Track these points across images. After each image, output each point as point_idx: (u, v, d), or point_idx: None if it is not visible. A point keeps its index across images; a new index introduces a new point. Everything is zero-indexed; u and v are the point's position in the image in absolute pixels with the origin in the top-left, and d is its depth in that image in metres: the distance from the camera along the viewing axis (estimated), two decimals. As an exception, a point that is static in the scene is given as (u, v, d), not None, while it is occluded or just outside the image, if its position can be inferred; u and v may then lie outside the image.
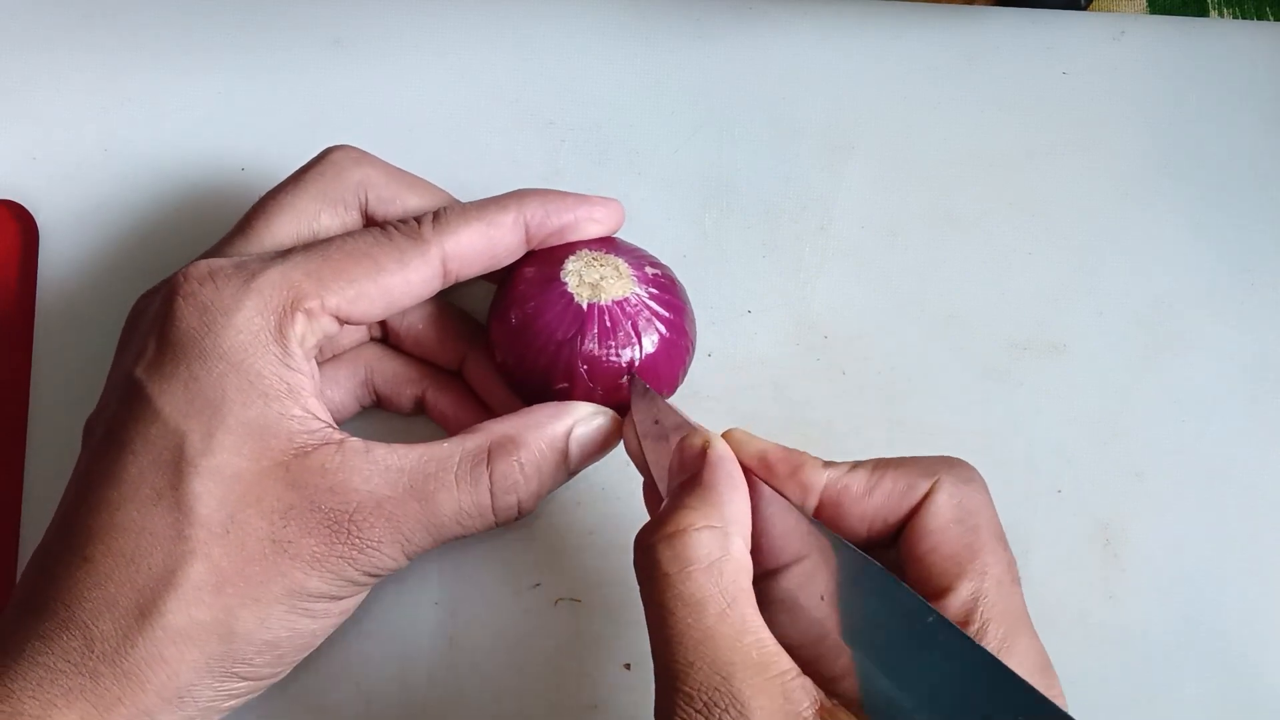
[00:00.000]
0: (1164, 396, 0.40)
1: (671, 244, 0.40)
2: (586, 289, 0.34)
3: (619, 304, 0.34)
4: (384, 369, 0.37)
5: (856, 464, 0.30)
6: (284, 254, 0.32)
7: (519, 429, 0.32)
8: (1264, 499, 0.39)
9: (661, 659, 0.27)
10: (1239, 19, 0.45)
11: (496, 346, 0.35)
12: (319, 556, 0.30)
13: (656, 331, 0.34)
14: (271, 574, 0.30)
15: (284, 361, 0.30)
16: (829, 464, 0.30)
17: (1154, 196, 0.42)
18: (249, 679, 0.31)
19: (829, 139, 0.42)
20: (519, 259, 0.35)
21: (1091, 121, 0.43)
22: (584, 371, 0.33)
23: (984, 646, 0.26)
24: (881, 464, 0.30)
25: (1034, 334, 0.40)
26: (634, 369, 0.34)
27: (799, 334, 0.40)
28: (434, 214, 0.33)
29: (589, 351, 0.33)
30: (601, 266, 0.34)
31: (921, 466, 0.29)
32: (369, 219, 0.35)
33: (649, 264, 0.35)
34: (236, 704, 0.31)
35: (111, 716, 0.28)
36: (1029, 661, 0.27)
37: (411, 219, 0.33)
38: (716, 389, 0.39)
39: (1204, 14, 0.45)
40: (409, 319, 0.37)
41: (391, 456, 0.31)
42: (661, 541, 0.27)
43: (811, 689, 0.26)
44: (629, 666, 0.36)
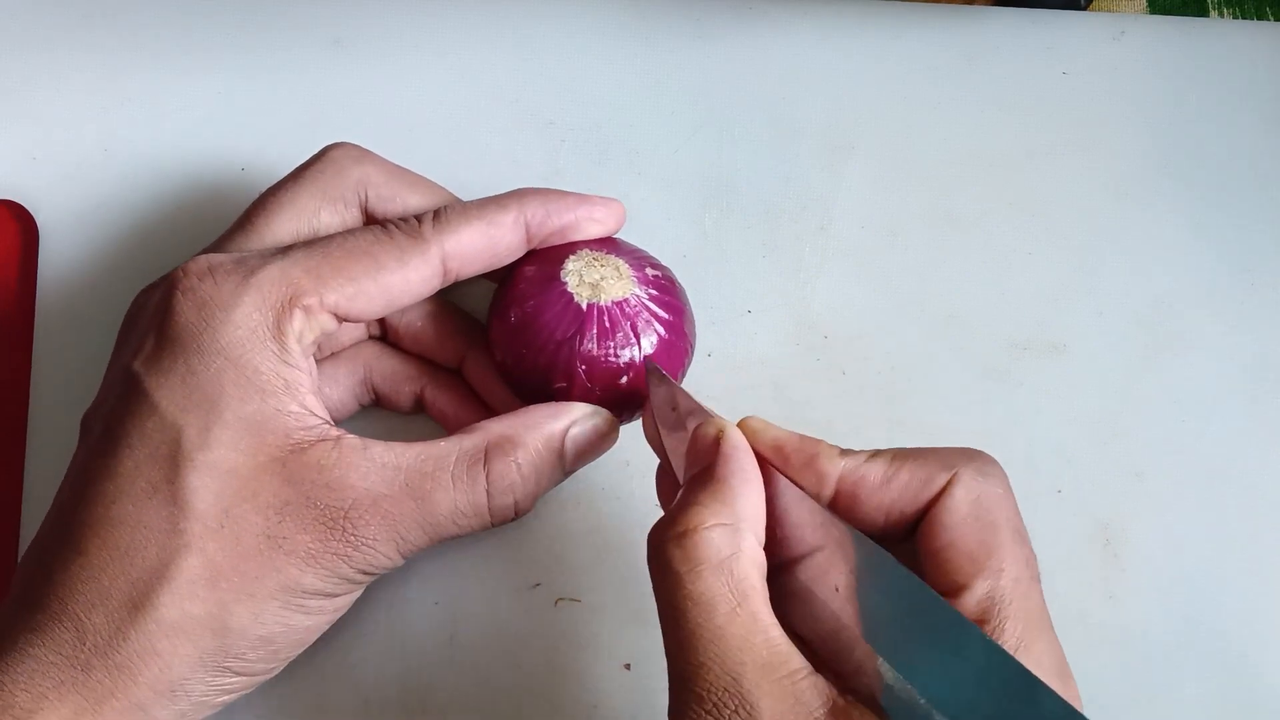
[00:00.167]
0: (1164, 396, 0.40)
1: (671, 244, 0.40)
2: (586, 289, 0.34)
3: (619, 305, 0.34)
4: (383, 367, 0.37)
5: (875, 453, 0.29)
6: (284, 251, 0.32)
7: (516, 429, 0.32)
8: (1264, 499, 0.39)
9: (674, 659, 0.27)
10: (1239, 19, 0.45)
11: (495, 345, 0.35)
12: (314, 553, 0.30)
13: (655, 333, 0.34)
14: (266, 569, 0.29)
15: (281, 358, 0.30)
16: (845, 452, 0.29)
17: (1154, 196, 0.42)
18: (242, 674, 0.31)
19: (829, 139, 0.42)
20: (519, 258, 0.35)
21: (1091, 121, 0.43)
22: (582, 372, 0.33)
23: (1001, 645, 0.25)
24: (900, 454, 0.29)
25: (1034, 334, 0.40)
26: (648, 359, 0.34)
27: (799, 334, 0.40)
28: (434, 212, 0.33)
29: (587, 352, 0.33)
30: (602, 267, 0.34)
31: (940, 458, 0.29)
32: (369, 216, 0.35)
33: (649, 265, 0.35)
34: (230, 699, 0.31)
35: (103, 709, 0.28)
36: (1046, 662, 0.26)
37: (412, 217, 0.33)
38: (716, 389, 0.39)
39: (1204, 14, 0.45)
40: (408, 317, 0.37)
41: (388, 454, 0.31)
42: (672, 540, 0.27)
43: (824, 688, 0.25)
44: (629, 666, 0.36)
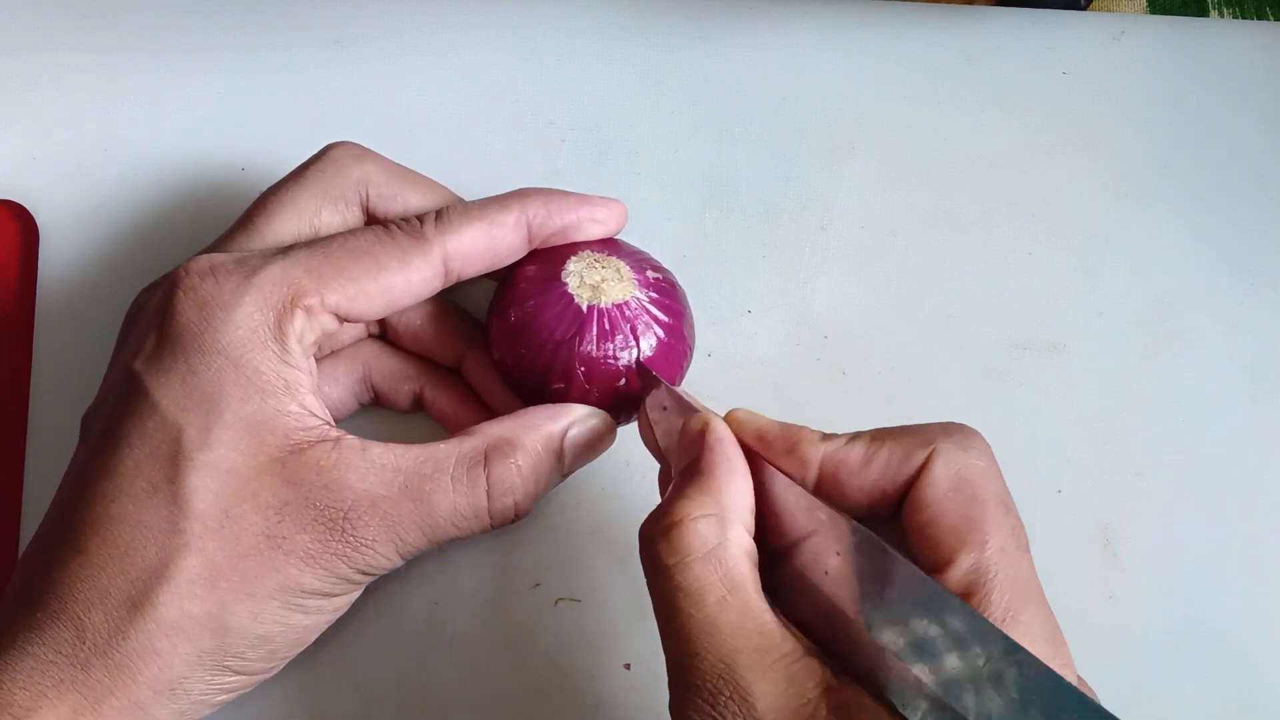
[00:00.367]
0: (1164, 396, 0.40)
1: (671, 244, 0.40)
2: (587, 290, 0.34)
3: (619, 307, 0.34)
4: (382, 366, 0.37)
5: (855, 435, 0.29)
6: (285, 251, 0.32)
7: (515, 431, 0.32)
8: (1264, 499, 0.39)
9: (670, 652, 0.27)
10: (1239, 19, 0.45)
11: (495, 344, 0.35)
12: (313, 553, 0.30)
13: (655, 336, 0.34)
14: (265, 569, 0.29)
15: (282, 358, 0.30)
16: (827, 436, 0.29)
17: (1154, 196, 0.42)
18: (241, 673, 0.31)
19: (829, 139, 0.42)
20: (521, 257, 0.35)
21: (1091, 121, 0.43)
22: (581, 373, 0.33)
23: (987, 617, 0.25)
24: (879, 434, 0.29)
25: (1034, 334, 0.40)
26: (640, 362, 0.34)
27: (799, 334, 0.40)
28: (436, 213, 0.33)
29: (587, 353, 0.33)
30: (603, 268, 0.34)
31: (919, 435, 0.29)
32: (370, 215, 0.35)
33: (650, 267, 0.35)
34: (229, 698, 0.31)
35: (102, 708, 0.28)
36: (1035, 630, 0.26)
37: (414, 218, 0.33)
38: (716, 389, 0.39)
39: (1204, 14, 0.45)
40: (408, 316, 0.37)
41: (388, 455, 0.31)
42: (660, 534, 0.27)
43: (817, 669, 0.26)
44: (629, 666, 0.36)
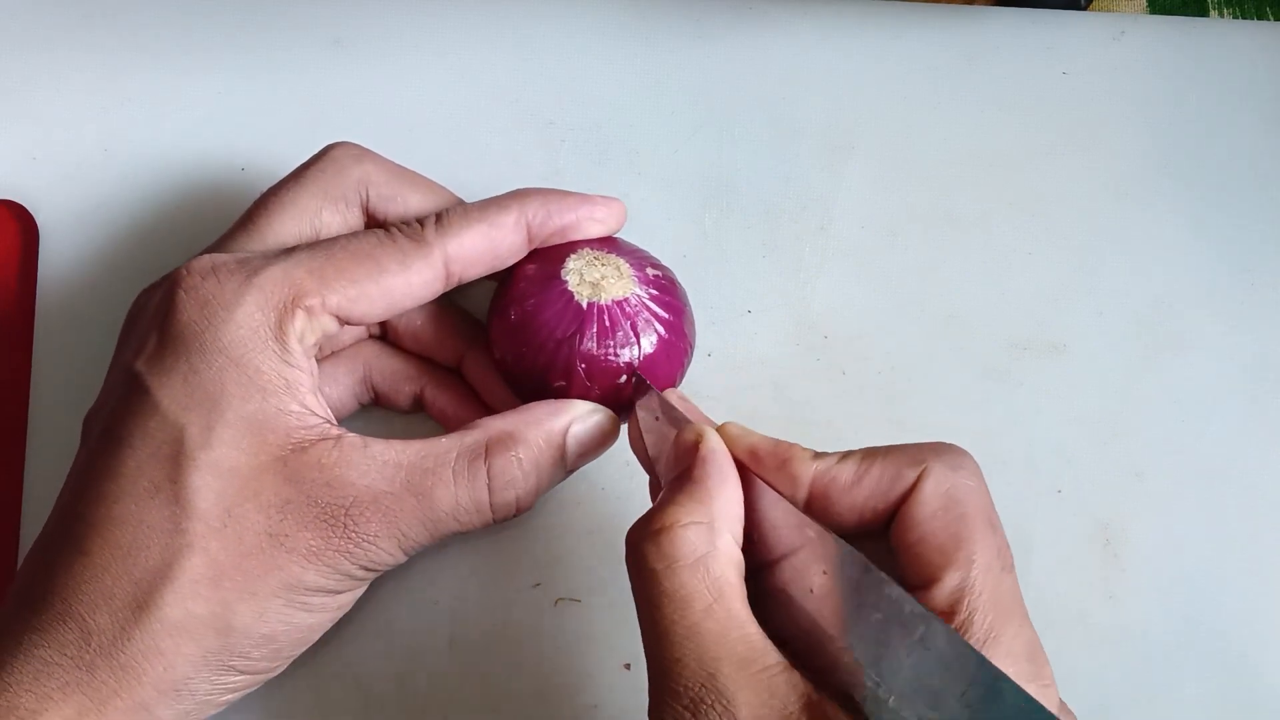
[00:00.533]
0: (1164, 396, 0.40)
1: (671, 244, 0.40)
2: (587, 288, 0.34)
3: (619, 304, 0.34)
4: (382, 366, 0.37)
5: (846, 454, 0.29)
6: (287, 251, 0.32)
7: (517, 425, 0.32)
8: (1264, 499, 0.39)
9: (652, 656, 0.27)
10: (1239, 19, 0.45)
11: (495, 343, 0.35)
12: (316, 551, 0.30)
13: (655, 332, 0.34)
14: (269, 568, 0.30)
15: (283, 358, 0.30)
16: (819, 455, 0.30)
17: (1154, 196, 0.42)
18: (246, 672, 0.31)
19: (829, 139, 0.42)
20: (521, 257, 0.35)
21: (1091, 121, 0.43)
22: (582, 370, 0.33)
23: (968, 637, 0.26)
24: (870, 453, 0.29)
25: (1034, 334, 0.40)
26: (635, 369, 0.34)
27: (799, 334, 0.40)
28: (436, 216, 0.33)
29: (587, 350, 0.33)
30: (603, 266, 0.34)
31: (910, 454, 0.29)
32: (370, 216, 0.35)
33: (650, 265, 0.35)
34: (233, 697, 0.31)
35: (108, 709, 0.28)
36: (1017, 650, 0.26)
37: (414, 220, 0.33)
38: (716, 389, 0.39)
39: (1204, 14, 0.45)
40: (408, 316, 0.37)
41: (389, 452, 0.31)
42: (648, 538, 0.27)
43: (799, 683, 0.26)
44: (629, 666, 0.36)
